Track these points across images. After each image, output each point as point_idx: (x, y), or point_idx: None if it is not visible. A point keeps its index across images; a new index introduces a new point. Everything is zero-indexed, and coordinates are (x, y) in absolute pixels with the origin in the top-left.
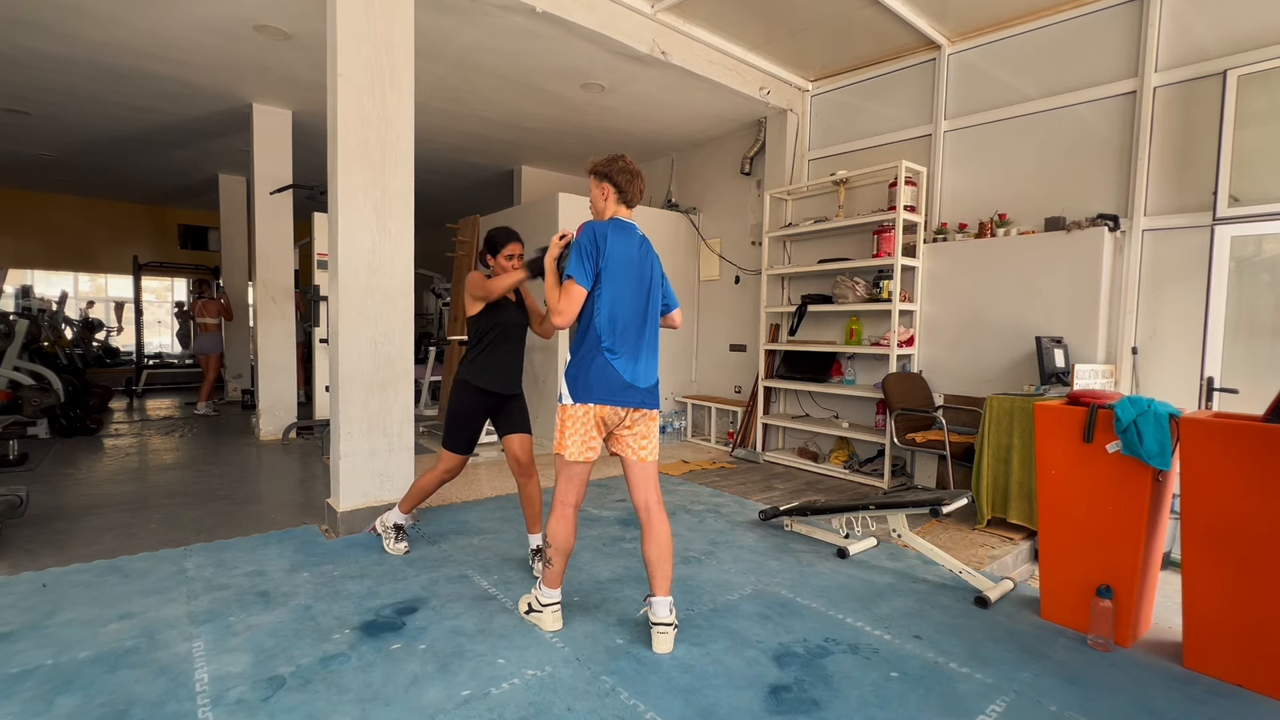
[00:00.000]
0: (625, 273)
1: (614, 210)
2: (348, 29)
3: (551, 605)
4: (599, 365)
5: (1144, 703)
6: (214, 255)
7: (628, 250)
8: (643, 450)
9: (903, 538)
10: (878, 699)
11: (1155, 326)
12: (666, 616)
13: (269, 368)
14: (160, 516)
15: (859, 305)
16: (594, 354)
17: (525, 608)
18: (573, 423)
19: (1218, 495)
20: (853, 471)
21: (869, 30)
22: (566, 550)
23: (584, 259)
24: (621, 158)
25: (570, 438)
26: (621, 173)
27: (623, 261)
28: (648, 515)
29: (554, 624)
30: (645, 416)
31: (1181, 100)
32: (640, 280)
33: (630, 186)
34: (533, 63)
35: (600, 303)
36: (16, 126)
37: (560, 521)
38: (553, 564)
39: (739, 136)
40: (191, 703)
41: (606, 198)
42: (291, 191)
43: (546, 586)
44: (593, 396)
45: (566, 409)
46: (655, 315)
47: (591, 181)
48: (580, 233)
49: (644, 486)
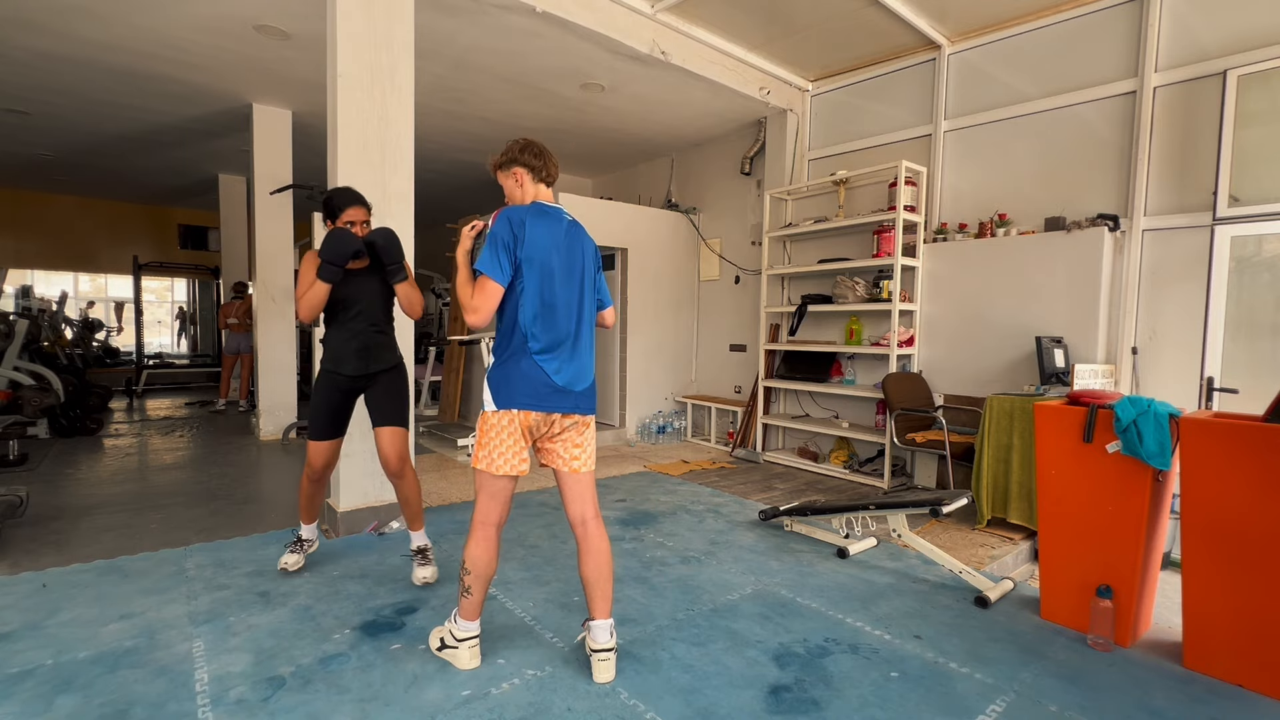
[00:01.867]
0: (551, 263)
1: (533, 193)
2: (348, 29)
3: (468, 640)
4: (525, 367)
5: (1144, 703)
6: (214, 255)
7: (552, 237)
8: (576, 460)
9: (903, 538)
10: (878, 699)
11: (1155, 326)
12: (607, 641)
13: (269, 368)
14: (160, 516)
15: (859, 305)
16: (519, 355)
17: (437, 643)
18: (496, 432)
19: (1218, 495)
20: (853, 471)
21: (869, 30)
22: (488, 577)
23: (499, 250)
24: (517, 140)
25: (492, 449)
26: (525, 151)
27: (547, 250)
28: (584, 530)
29: (471, 661)
30: (579, 423)
31: (1181, 100)
32: (570, 271)
33: (542, 163)
34: (533, 63)
35: (524, 297)
36: (16, 126)
37: (481, 545)
38: (471, 593)
39: (739, 136)
40: (191, 703)
41: (521, 183)
42: (291, 191)
43: (463, 619)
44: (518, 402)
45: (488, 417)
46: (590, 310)
47: (500, 177)
48: (495, 221)
49: (580, 499)
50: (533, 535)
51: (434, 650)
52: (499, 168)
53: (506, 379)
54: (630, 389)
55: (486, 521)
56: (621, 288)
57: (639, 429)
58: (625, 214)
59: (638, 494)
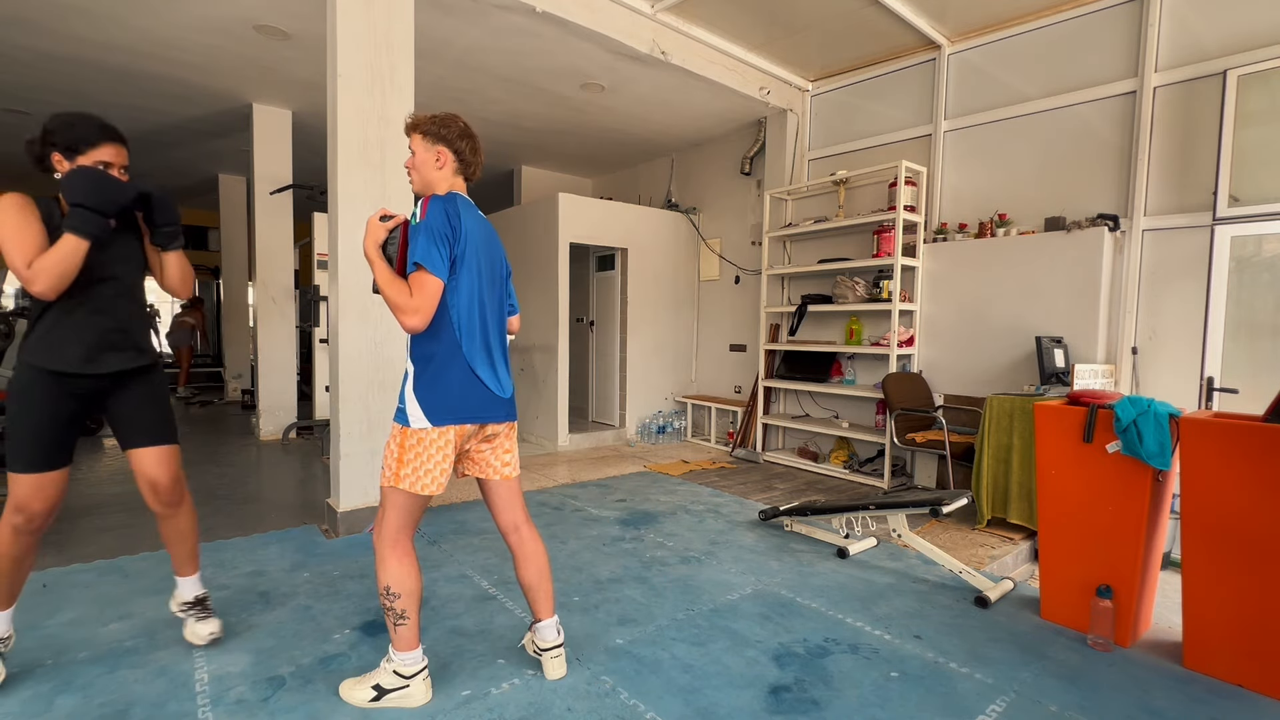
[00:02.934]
0: (481, 261)
1: (450, 183)
2: (348, 29)
3: (419, 673)
4: (461, 376)
5: (1144, 703)
6: (214, 255)
7: (482, 234)
8: (507, 467)
9: (903, 538)
10: (878, 699)
11: (1155, 326)
12: (555, 639)
13: (269, 368)
14: None
15: (859, 305)
16: (451, 362)
17: (370, 694)
18: (426, 450)
19: (1218, 495)
20: (853, 471)
21: (869, 30)
22: (420, 594)
23: (436, 242)
24: (457, 118)
25: (419, 468)
26: (462, 138)
27: (478, 246)
28: (519, 537)
29: (424, 695)
30: (508, 429)
31: (1181, 100)
32: (493, 270)
33: (474, 157)
34: (533, 63)
35: (457, 297)
36: (17, 126)
37: (403, 563)
38: (408, 617)
39: (739, 136)
40: (191, 703)
41: (443, 165)
42: (291, 191)
43: (402, 651)
44: (458, 415)
45: (419, 434)
46: (505, 313)
47: (418, 141)
48: (428, 210)
49: (512, 507)
50: None
51: (366, 704)
52: (424, 133)
53: (442, 389)
54: (630, 389)
55: (402, 534)
56: (621, 288)
57: (639, 429)
58: (625, 214)
59: (638, 494)
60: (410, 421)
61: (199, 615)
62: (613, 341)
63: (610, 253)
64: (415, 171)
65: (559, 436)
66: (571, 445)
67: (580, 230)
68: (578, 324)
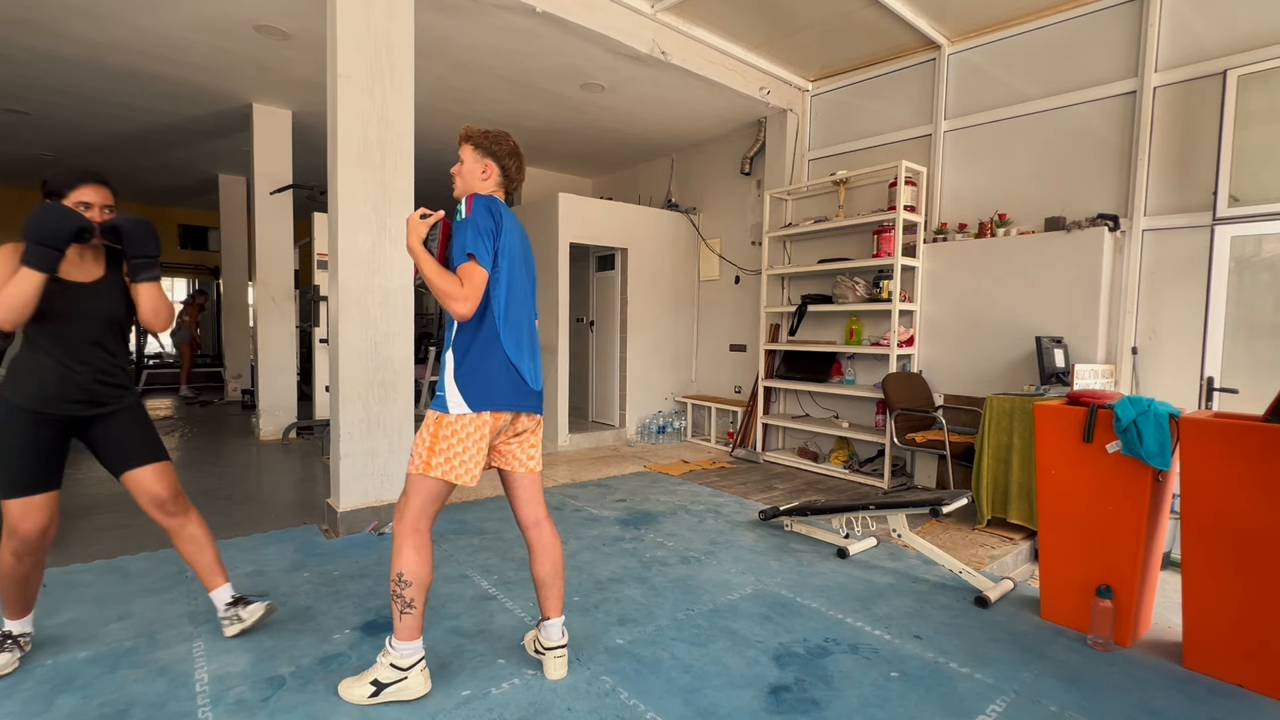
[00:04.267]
0: (518, 257)
1: (491, 194)
2: (348, 29)
3: (417, 664)
4: (500, 364)
5: (1144, 703)
6: (214, 255)
7: (518, 235)
8: (532, 460)
9: (903, 538)
10: (878, 699)
11: (1155, 326)
12: (559, 639)
13: (269, 368)
14: None
15: (859, 305)
16: (490, 350)
17: (368, 690)
18: (464, 436)
19: (1218, 495)
20: (853, 471)
21: (869, 30)
22: (429, 584)
23: (483, 236)
24: (508, 136)
25: (454, 455)
26: (511, 156)
27: (514, 244)
28: (539, 531)
29: (425, 686)
30: (538, 423)
31: (1181, 100)
32: (528, 270)
33: (518, 175)
34: (533, 63)
35: (498, 289)
36: (16, 126)
37: (420, 552)
38: (414, 607)
39: (739, 136)
40: (191, 703)
41: (488, 178)
42: (291, 191)
43: (403, 641)
44: (496, 403)
45: (456, 420)
46: (535, 311)
47: (469, 151)
48: (473, 207)
49: (534, 501)
50: None
51: (365, 700)
52: (476, 145)
53: (483, 376)
54: (630, 389)
55: (421, 527)
56: (621, 288)
57: (639, 429)
58: (625, 214)
59: (638, 494)
60: (450, 408)
61: (244, 604)
62: (613, 341)
63: (610, 253)
64: (460, 179)
65: (559, 436)
66: (571, 445)
67: (580, 230)
68: (578, 324)
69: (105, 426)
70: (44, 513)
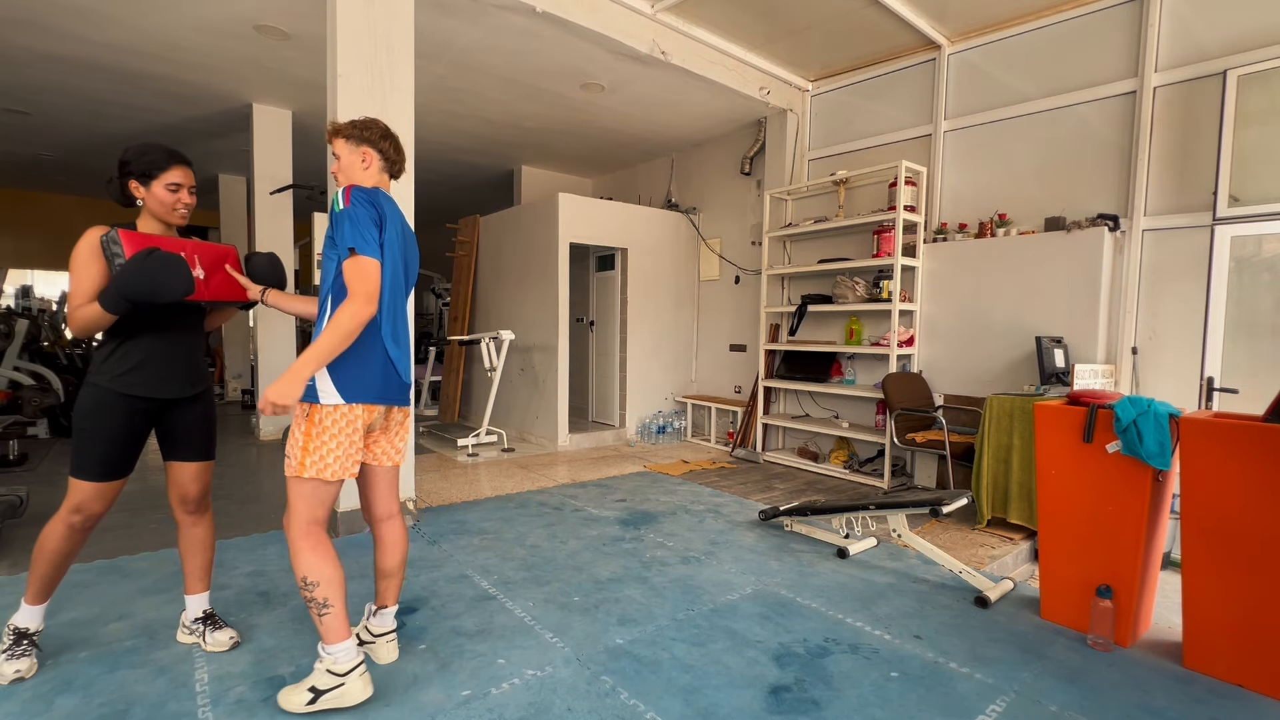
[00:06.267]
0: (397, 249)
1: (377, 181)
2: (347, 29)
3: (355, 669)
4: (378, 355)
5: (1144, 703)
6: None
7: (400, 227)
8: (398, 454)
9: (903, 538)
10: (878, 699)
11: (1155, 326)
12: (392, 625)
13: (269, 368)
14: (160, 516)
15: (859, 305)
16: (369, 341)
17: (306, 698)
18: (335, 432)
19: (1218, 495)
20: (853, 471)
21: (869, 30)
22: (342, 581)
23: (368, 227)
24: (377, 121)
25: (327, 451)
26: (384, 138)
27: (396, 235)
28: (392, 525)
29: (365, 690)
30: (406, 414)
31: (1181, 100)
32: (407, 263)
33: (397, 157)
34: (533, 63)
35: (382, 279)
36: (16, 126)
37: (318, 551)
38: (332, 605)
39: (739, 136)
40: (191, 702)
41: (369, 165)
42: (291, 191)
43: (332, 644)
44: (367, 395)
45: (329, 411)
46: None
47: (342, 145)
48: (350, 198)
49: (391, 495)
50: (533, 535)
51: (303, 709)
52: (346, 137)
53: (356, 366)
54: (630, 389)
55: (315, 523)
56: (621, 288)
57: (639, 429)
58: (625, 214)
59: (638, 494)
60: (320, 398)
61: (214, 626)
62: (613, 341)
63: (610, 253)
64: (341, 174)
65: (559, 436)
66: (571, 445)
67: (580, 230)
68: (578, 324)
69: (187, 414)
70: (116, 494)
